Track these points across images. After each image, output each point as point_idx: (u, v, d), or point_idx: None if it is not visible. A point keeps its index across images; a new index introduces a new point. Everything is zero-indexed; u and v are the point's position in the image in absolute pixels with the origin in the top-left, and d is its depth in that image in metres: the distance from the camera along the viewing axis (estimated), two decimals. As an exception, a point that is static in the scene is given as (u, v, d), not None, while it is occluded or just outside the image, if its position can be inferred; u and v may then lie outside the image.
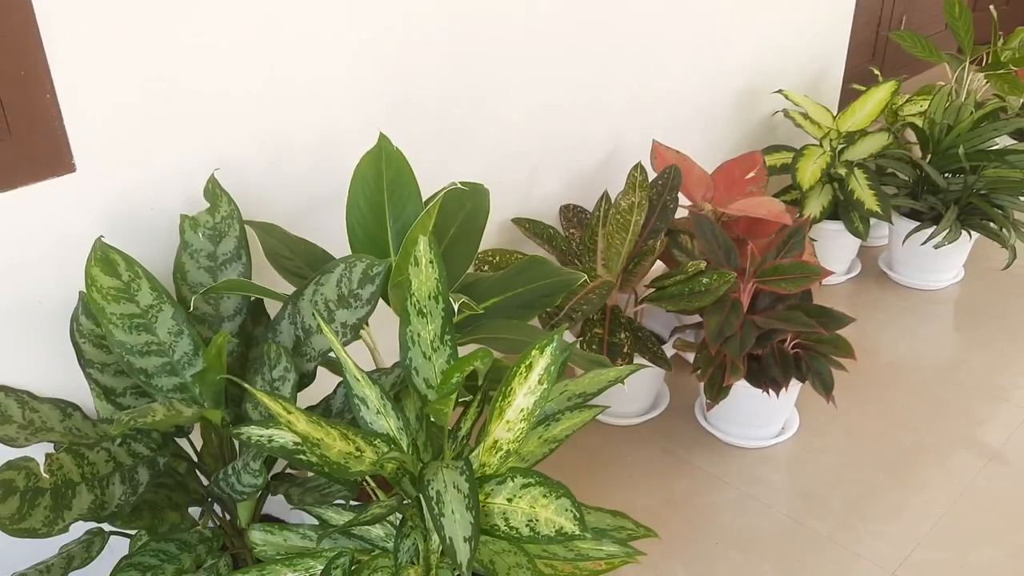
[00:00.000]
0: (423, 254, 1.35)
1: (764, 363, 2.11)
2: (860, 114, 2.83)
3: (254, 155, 1.72)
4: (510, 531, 1.20)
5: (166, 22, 1.50)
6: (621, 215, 2.17)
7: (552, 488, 1.21)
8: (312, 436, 1.21)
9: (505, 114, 2.16)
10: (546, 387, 1.24)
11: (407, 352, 1.41)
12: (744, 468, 2.21)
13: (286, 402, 1.20)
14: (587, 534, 1.12)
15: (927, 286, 2.97)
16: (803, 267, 2.02)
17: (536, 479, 1.23)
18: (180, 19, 1.51)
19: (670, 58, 2.55)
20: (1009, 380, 2.51)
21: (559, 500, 1.19)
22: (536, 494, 1.21)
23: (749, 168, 2.43)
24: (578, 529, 1.13)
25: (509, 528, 1.21)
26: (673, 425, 2.35)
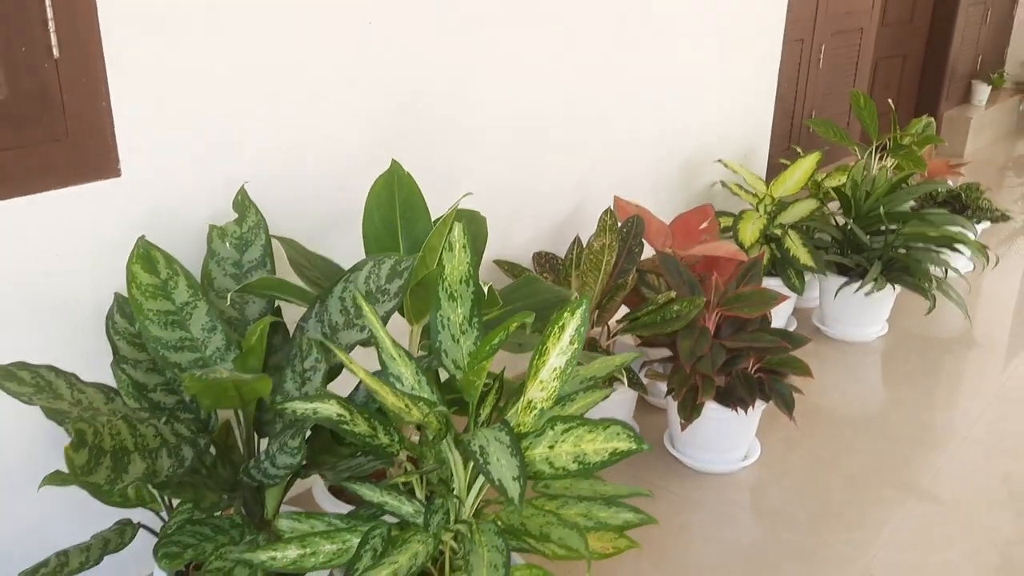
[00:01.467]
0: (457, 240, 1.50)
1: (731, 387, 2.28)
2: (790, 182, 3.14)
3: (272, 175, 1.85)
4: (556, 472, 1.31)
5: (207, 53, 1.65)
6: (594, 255, 2.36)
7: (596, 424, 1.33)
8: (372, 387, 1.32)
9: (488, 166, 2.35)
10: (577, 347, 1.37)
11: (437, 335, 1.53)
12: (715, 491, 2.34)
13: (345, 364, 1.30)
14: (645, 446, 1.24)
15: (857, 339, 3.23)
16: (763, 293, 2.23)
17: (578, 421, 1.35)
18: (218, 51, 1.67)
19: (627, 130, 2.82)
20: (936, 416, 2.74)
21: (608, 430, 1.31)
22: (580, 433, 1.33)
23: (702, 219, 2.67)
24: (635, 445, 1.25)
25: (555, 470, 1.32)
26: (645, 457, 2.48)
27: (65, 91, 1.46)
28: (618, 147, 2.82)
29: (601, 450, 1.30)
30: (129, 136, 1.57)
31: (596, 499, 1.54)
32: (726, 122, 3.39)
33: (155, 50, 1.57)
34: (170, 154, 1.65)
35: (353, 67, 1.94)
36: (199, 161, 1.70)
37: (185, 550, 1.43)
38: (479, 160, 2.32)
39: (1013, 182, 5.70)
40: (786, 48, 3.83)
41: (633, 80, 2.80)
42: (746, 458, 2.45)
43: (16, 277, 1.48)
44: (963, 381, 2.97)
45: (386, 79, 2.01)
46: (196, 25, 1.62)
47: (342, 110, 1.95)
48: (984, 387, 2.91)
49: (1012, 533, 2.19)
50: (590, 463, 1.29)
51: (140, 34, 1.54)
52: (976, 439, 2.60)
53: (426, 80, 2.11)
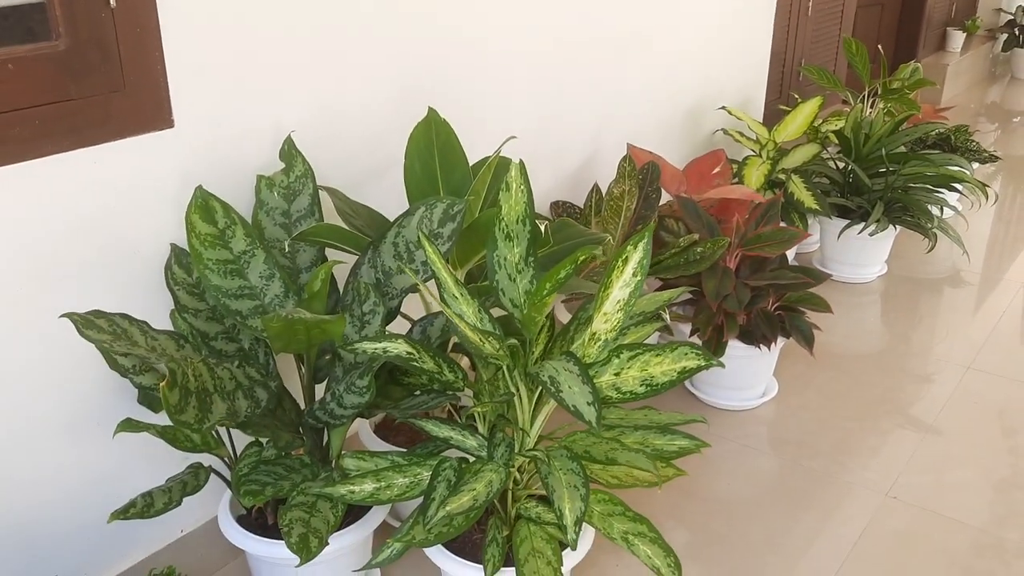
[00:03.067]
0: (514, 180, 1.53)
1: (753, 324, 2.35)
2: (792, 127, 3.20)
3: (317, 127, 1.87)
4: (623, 396, 1.37)
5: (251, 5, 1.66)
6: (614, 201, 2.41)
7: (664, 348, 1.39)
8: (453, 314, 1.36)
9: (508, 117, 2.38)
10: (640, 279, 1.43)
11: (494, 275, 1.57)
12: (737, 426, 2.43)
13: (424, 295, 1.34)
14: (714, 361, 1.31)
15: (857, 279, 3.32)
16: (783, 232, 2.30)
17: (644, 347, 1.40)
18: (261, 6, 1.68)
19: (636, 80, 2.85)
20: (939, 348, 2.85)
21: (676, 351, 1.37)
22: (647, 358, 1.39)
23: (715, 164, 2.73)
24: (704, 361, 1.31)
25: (622, 394, 1.38)
26: (667, 397, 2.56)
27: (121, 41, 1.47)
28: (628, 98, 2.86)
29: (669, 371, 1.36)
30: (181, 87, 1.58)
31: (651, 428, 1.61)
32: (726, 71, 3.44)
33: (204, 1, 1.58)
34: (220, 105, 1.66)
35: (384, 22, 1.95)
36: (247, 111, 1.72)
37: (264, 488, 1.48)
38: (498, 111, 2.35)
39: (987, 127, 5.82)
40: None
41: (640, 32, 2.83)
42: (764, 395, 2.53)
43: (77, 229, 1.50)
44: (961, 317, 3.07)
45: (412, 35, 2.03)
46: (240, -25, 1.63)
47: (375, 64, 1.96)
48: (982, 322, 3.02)
49: (1017, 453, 2.29)
50: (658, 384, 1.35)
51: None
52: (979, 369, 2.70)
53: (448, 38, 2.13)
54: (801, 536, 2.02)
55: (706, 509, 2.11)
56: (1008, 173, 4.75)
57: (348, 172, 1.99)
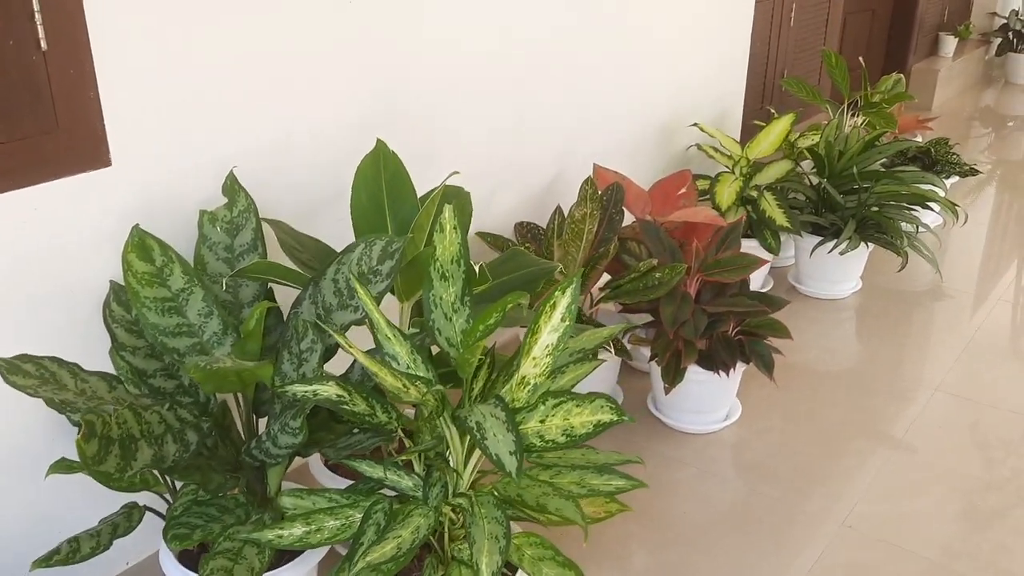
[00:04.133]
0: (448, 220, 1.53)
1: (712, 350, 2.35)
2: (765, 143, 3.19)
3: (261, 158, 1.87)
4: (546, 444, 1.37)
5: (193, 40, 1.66)
6: (575, 225, 2.40)
7: (584, 399, 1.39)
8: (370, 367, 1.36)
9: (471, 138, 2.37)
10: (568, 324, 1.42)
11: (430, 314, 1.57)
12: (698, 450, 2.42)
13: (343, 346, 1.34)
14: (625, 417, 1.30)
15: (832, 295, 3.31)
16: (742, 258, 2.29)
17: (567, 396, 1.40)
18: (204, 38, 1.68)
19: (604, 98, 2.84)
20: (909, 369, 2.84)
21: (594, 403, 1.37)
22: (569, 407, 1.39)
23: (680, 185, 2.72)
24: (616, 416, 1.31)
25: (545, 443, 1.38)
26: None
27: (54, 83, 1.47)
28: (596, 115, 2.85)
29: (587, 423, 1.36)
30: (119, 125, 1.58)
31: (588, 467, 1.60)
32: (700, 86, 3.42)
33: (141, 39, 1.58)
34: (159, 141, 1.66)
35: (335, 50, 1.95)
36: (188, 147, 1.72)
37: (194, 531, 1.48)
38: (459, 135, 2.35)
39: (980, 132, 5.80)
40: (758, 7, 3.86)
41: (607, 47, 2.82)
42: (727, 418, 2.53)
43: (14, 270, 1.50)
44: (934, 334, 3.06)
45: (366, 61, 2.03)
46: (182, 12, 1.63)
47: (325, 93, 1.96)
48: (954, 339, 3.01)
49: (981, 480, 2.28)
50: (576, 435, 1.35)
51: (127, 23, 1.55)
52: (947, 390, 2.69)
53: (405, 60, 2.13)
54: (752, 568, 2.02)
55: (660, 538, 2.11)
56: (998, 182, 4.73)
57: (298, 202, 1.99)
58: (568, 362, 1.66)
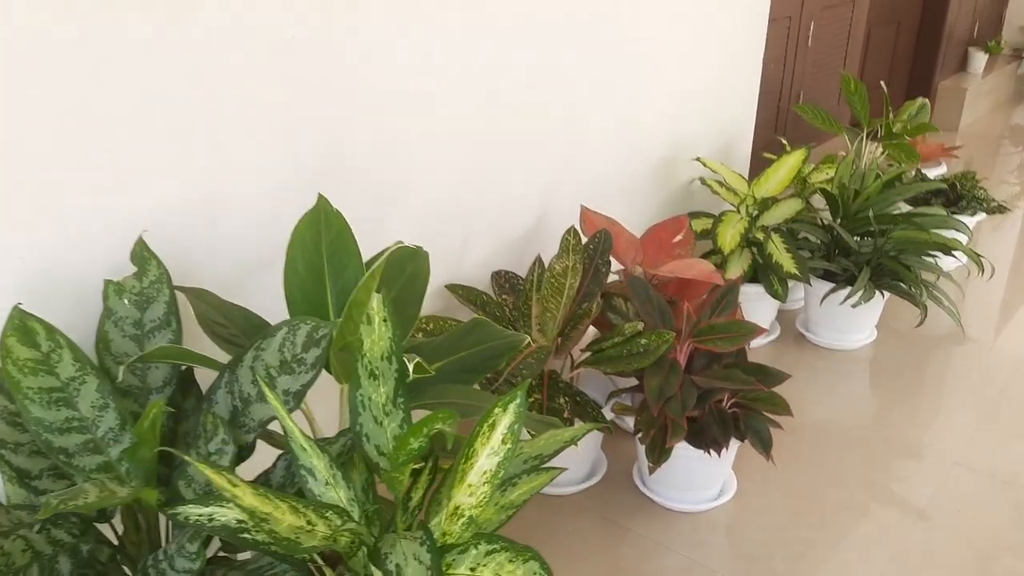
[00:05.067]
0: (376, 312, 1.30)
1: (703, 424, 2.10)
2: (773, 181, 2.93)
3: (183, 217, 1.64)
4: (478, 602, 1.14)
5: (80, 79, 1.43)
6: (555, 279, 2.16)
7: (519, 552, 1.15)
8: (260, 510, 1.13)
9: (438, 180, 2.14)
10: (510, 447, 1.19)
11: (357, 417, 1.34)
12: (686, 533, 2.18)
13: (230, 474, 1.11)
14: None
15: (843, 346, 3.05)
16: (738, 325, 2.04)
17: (502, 544, 1.17)
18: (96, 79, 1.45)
19: (594, 130, 2.60)
20: (925, 436, 2.57)
21: (527, 564, 1.14)
22: (502, 560, 1.15)
23: (676, 231, 2.47)
24: (556, 593, 1.08)
25: (477, 599, 1.14)
26: (612, 492, 2.31)
27: (-88, 144, 1.25)
28: (584, 150, 2.60)
29: (522, 586, 1.12)
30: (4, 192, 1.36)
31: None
32: (704, 113, 3.17)
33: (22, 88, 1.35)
34: (56, 206, 1.44)
35: (272, 93, 1.71)
36: (94, 208, 1.49)
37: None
38: (425, 182, 2.11)
39: (1009, 150, 5.50)
40: (772, 27, 3.59)
41: (598, 74, 2.57)
42: (720, 495, 2.28)
43: None
44: (955, 395, 2.79)
45: (311, 102, 1.79)
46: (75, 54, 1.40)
47: (262, 142, 1.73)
48: (977, 402, 2.74)
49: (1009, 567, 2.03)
50: (513, 599, 1.12)
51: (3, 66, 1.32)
52: (969, 464, 2.43)
53: (354, 100, 1.89)
54: None
55: (636, 644, 1.87)
56: None
57: (230, 267, 1.75)
58: (522, 470, 1.42)
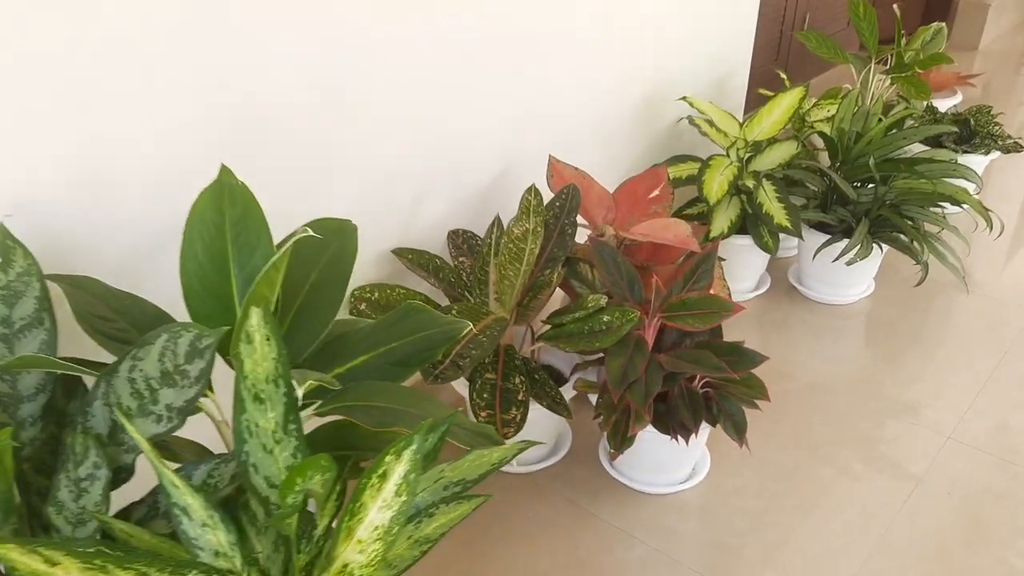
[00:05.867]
0: (256, 329, 1.10)
1: (672, 405, 1.92)
2: (767, 122, 2.67)
3: (59, 192, 1.42)
4: None
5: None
6: (514, 244, 1.95)
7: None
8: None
9: (381, 133, 1.90)
10: (405, 499, 1.00)
11: (243, 445, 1.15)
12: (652, 518, 2.02)
13: (52, 548, 0.93)
14: None
15: (838, 300, 2.84)
16: (712, 301, 1.84)
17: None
18: (-50, 33, 1.22)
19: (567, 68, 2.34)
20: (922, 400, 2.39)
21: None
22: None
23: (653, 186, 2.24)
24: None
25: None
26: (576, 471, 2.15)
27: None
28: (555, 92, 2.34)
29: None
30: None
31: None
32: (694, 44, 2.88)
33: None
34: None
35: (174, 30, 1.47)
36: (-57, 188, 1.28)
37: None
38: (368, 137, 1.88)
39: (1032, 76, 5.16)
40: (776, -55, 3.27)
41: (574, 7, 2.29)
42: (693, 475, 2.11)
43: None
44: (954, 357, 2.59)
45: (223, 44, 1.55)
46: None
47: (158, 96, 1.50)
48: (977, 367, 2.54)
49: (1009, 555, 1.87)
50: None
51: None
52: (960, 440, 2.25)
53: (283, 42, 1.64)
54: None
55: (590, 649, 1.73)
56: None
57: (118, 248, 1.54)
58: (441, 498, 1.24)
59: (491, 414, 1.87)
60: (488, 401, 1.88)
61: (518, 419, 1.87)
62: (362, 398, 1.44)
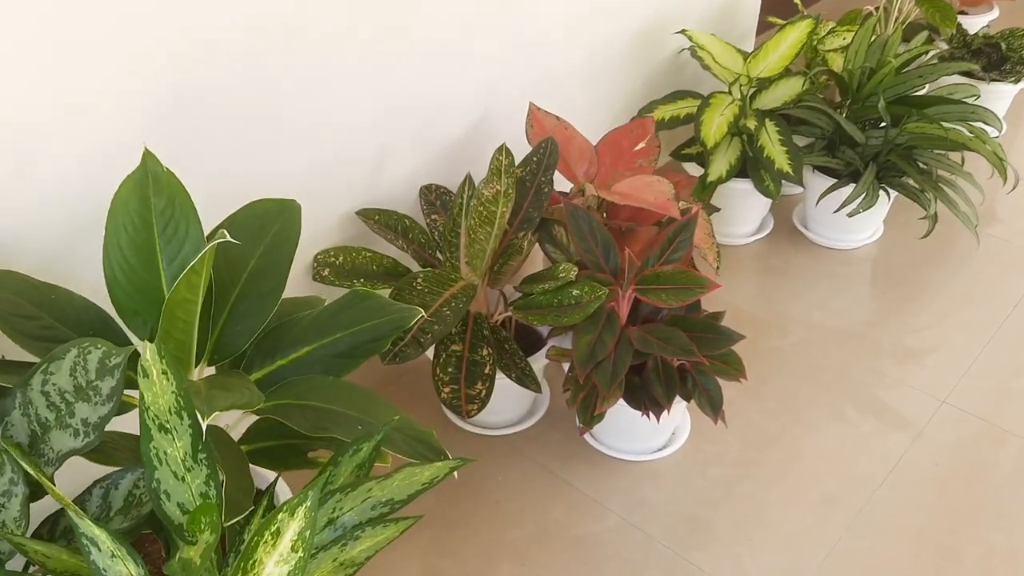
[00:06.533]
0: (151, 364, 1.03)
1: (645, 378, 1.84)
2: (773, 56, 2.49)
3: (-18, 182, 1.35)
4: None
5: None
6: (484, 206, 1.84)
7: None
8: None
9: (337, 85, 1.78)
10: (302, 555, 0.95)
11: (153, 472, 1.10)
12: (626, 487, 1.98)
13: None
14: None
15: (843, 245, 2.71)
16: (687, 276, 1.73)
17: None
18: None
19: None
20: (921, 359, 2.29)
21: None
22: None
23: (639, 137, 2.10)
24: None
25: None
26: (551, 434, 2.10)
27: None
28: (539, 29, 2.18)
29: None
30: None
31: None
32: (703, -33, 2.67)
33: None
34: None
35: (91, 6, 1.36)
36: None
37: None
38: (324, 90, 1.76)
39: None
40: None
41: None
42: (671, 441, 2.06)
43: None
44: (959, 312, 2.48)
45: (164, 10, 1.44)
46: None
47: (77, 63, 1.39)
48: (982, 323, 2.43)
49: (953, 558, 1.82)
50: None
51: None
52: (955, 405, 2.17)
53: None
54: None
55: (550, 627, 1.72)
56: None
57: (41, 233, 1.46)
58: (368, 518, 1.19)
59: (455, 390, 1.81)
60: (453, 375, 1.82)
61: (483, 394, 1.81)
62: (300, 396, 1.38)
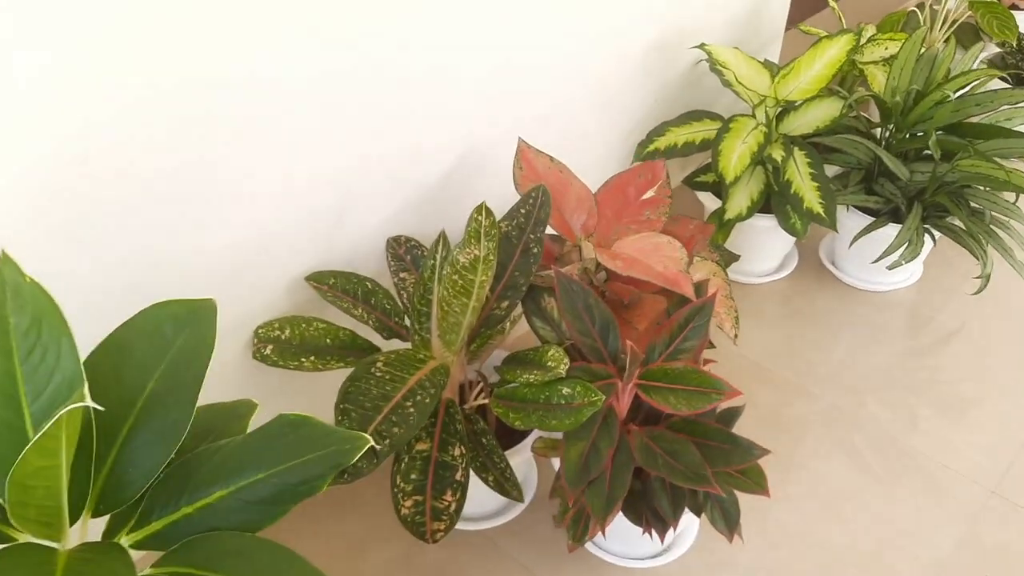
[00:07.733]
0: None
1: (648, 486, 1.55)
2: (806, 76, 2.16)
3: None
4: None
5: None
6: (460, 275, 1.53)
7: None
8: None
9: (288, 124, 1.46)
10: None
11: None
12: (623, 599, 1.70)
13: None
14: None
15: (878, 288, 2.39)
16: (700, 378, 1.42)
17: None
18: None
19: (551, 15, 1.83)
20: (965, 436, 1.99)
21: None
22: None
23: (647, 184, 1.78)
24: None
25: None
26: (536, 529, 1.81)
27: None
28: (534, 50, 1.85)
29: None
30: None
31: None
32: (727, -33, 2.32)
33: None
34: None
35: None
36: None
37: None
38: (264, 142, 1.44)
39: None
40: None
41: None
42: (675, 545, 1.77)
43: None
44: (1009, 383, 2.16)
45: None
46: None
47: None
48: (1037, 388, 2.12)
49: None
50: None
51: None
52: (1003, 495, 1.87)
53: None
54: None
55: None
56: None
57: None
58: None
59: (419, 502, 1.51)
60: (417, 483, 1.52)
61: (452, 508, 1.51)
62: (201, 565, 1.09)
